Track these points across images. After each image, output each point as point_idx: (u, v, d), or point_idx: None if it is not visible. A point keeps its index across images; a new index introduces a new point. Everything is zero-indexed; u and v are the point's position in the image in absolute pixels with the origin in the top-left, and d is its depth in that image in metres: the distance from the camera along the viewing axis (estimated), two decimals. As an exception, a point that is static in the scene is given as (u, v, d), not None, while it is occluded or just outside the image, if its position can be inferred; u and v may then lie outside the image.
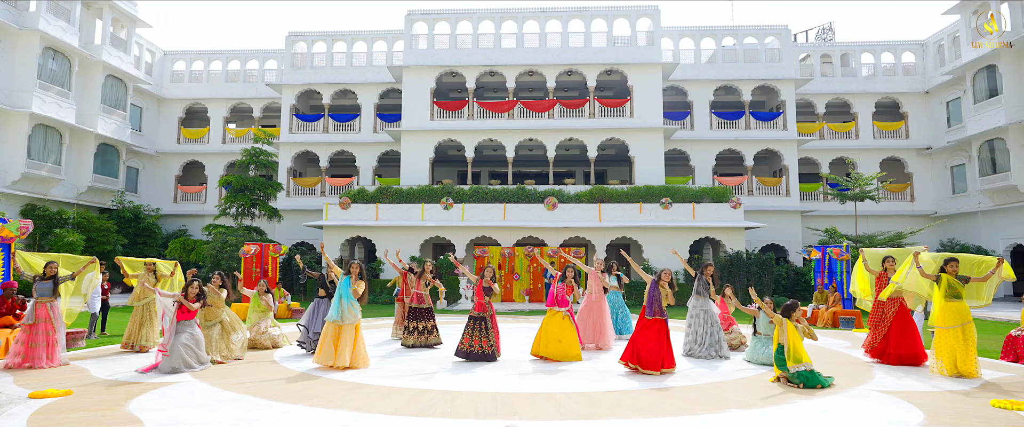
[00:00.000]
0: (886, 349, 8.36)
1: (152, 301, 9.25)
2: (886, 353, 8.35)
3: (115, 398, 5.81)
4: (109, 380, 6.80)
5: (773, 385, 6.79)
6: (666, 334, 7.66)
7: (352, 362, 7.69)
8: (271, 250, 17.86)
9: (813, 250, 16.24)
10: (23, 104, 22.72)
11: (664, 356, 7.50)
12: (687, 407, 5.70)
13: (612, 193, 23.37)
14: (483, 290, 8.65)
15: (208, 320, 8.43)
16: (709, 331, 8.83)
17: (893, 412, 5.53)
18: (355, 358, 7.72)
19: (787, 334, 6.91)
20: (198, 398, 5.88)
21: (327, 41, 29.09)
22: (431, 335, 9.75)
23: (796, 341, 6.90)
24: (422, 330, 9.69)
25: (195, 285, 7.68)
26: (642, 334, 7.60)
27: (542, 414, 5.43)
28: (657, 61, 25.95)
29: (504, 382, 6.97)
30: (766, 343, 8.27)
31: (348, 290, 7.85)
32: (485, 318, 8.60)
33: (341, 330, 7.72)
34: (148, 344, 9.08)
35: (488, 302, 8.63)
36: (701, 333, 8.85)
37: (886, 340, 8.38)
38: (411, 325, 9.70)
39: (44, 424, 4.89)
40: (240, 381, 6.85)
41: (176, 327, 7.41)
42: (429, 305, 9.87)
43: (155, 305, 9.23)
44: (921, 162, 28.92)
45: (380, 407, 5.59)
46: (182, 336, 7.37)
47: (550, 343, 8.54)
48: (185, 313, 7.53)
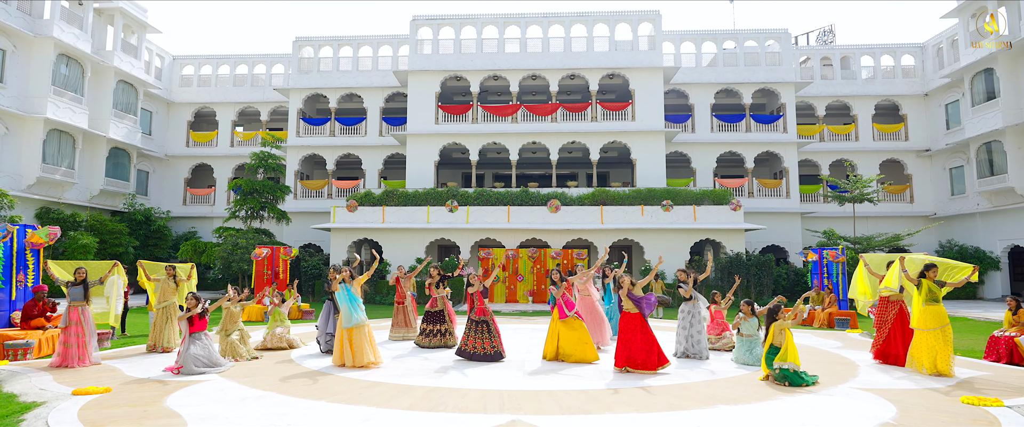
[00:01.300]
0: (889, 351, 8.70)
1: (173, 304, 9.77)
2: (889, 354, 8.68)
3: (152, 394, 6.31)
4: (142, 378, 7.31)
5: (761, 384, 7.23)
6: (649, 330, 8.01)
7: (369, 361, 8.16)
8: (281, 252, 18.37)
9: (810, 253, 16.66)
10: (38, 110, 23.28)
11: (653, 354, 7.89)
12: (678, 403, 6.16)
13: (614, 196, 23.81)
14: (481, 293, 9.12)
15: (227, 329, 8.97)
16: (690, 332, 9.26)
17: (868, 408, 6.00)
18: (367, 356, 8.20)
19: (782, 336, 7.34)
20: (228, 395, 6.38)
21: (333, 46, 29.60)
22: (447, 336, 10.23)
23: (791, 343, 7.32)
24: (436, 332, 10.18)
25: (193, 300, 8.15)
26: (627, 334, 8.00)
27: (544, 409, 5.89)
28: (658, 65, 26.37)
29: (511, 380, 7.44)
30: (751, 345, 8.71)
31: (351, 293, 8.32)
32: (487, 321, 9.04)
33: (353, 333, 8.20)
34: (171, 345, 9.62)
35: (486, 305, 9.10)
36: (682, 334, 9.31)
37: (888, 342, 8.72)
38: (426, 328, 10.21)
39: (94, 418, 5.38)
40: (264, 379, 7.34)
41: (189, 339, 7.87)
42: (441, 308, 10.32)
43: (175, 308, 9.75)
44: (920, 164, 29.27)
45: (397, 403, 6.08)
46: (193, 348, 7.81)
47: (572, 344, 8.83)
48: (196, 325, 8.00)
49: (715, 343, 10.05)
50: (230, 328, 8.96)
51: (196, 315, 8.04)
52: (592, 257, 24.45)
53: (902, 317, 8.67)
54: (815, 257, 16.51)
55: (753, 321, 8.74)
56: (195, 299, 8.20)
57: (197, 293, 8.39)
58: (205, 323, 8.12)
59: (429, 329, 10.20)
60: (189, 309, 8.13)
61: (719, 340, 10.08)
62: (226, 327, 8.94)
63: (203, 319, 8.11)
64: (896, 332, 8.64)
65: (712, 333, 10.21)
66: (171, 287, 9.85)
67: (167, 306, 9.71)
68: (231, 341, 8.78)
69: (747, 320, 8.74)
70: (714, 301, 10.43)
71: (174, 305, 9.78)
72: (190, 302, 8.17)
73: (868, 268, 9.53)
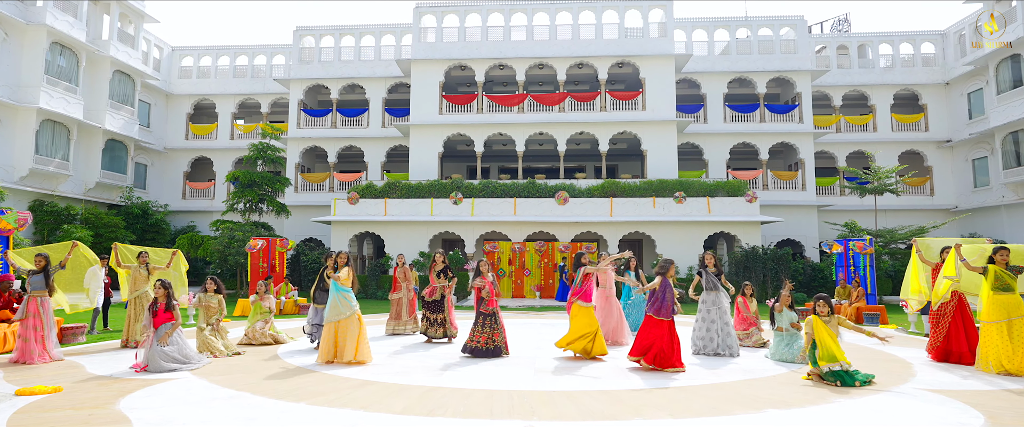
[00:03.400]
0: (949, 348, 7.71)
1: (146, 294, 8.90)
2: (951, 353, 7.69)
3: (106, 395, 5.46)
4: (103, 376, 6.47)
5: (807, 383, 6.35)
6: (676, 334, 7.24)
7: (355, 356, 7.34)
8: (278, 245, 17.56)
9: (835, 244, 15.72)
10: (30, 99, 22.56)
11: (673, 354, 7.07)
12: (720, 406, 5.27)
13: (624, 187, 22.89)
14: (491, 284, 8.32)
15: (202, 323, 8.16)
16: (718, 327, 8.36)
17: (948, 413, 5.07)
18: (358, 352, 7.37)
19: (816, 331, 6.45)
20: (194, 395, 5.53)
21: (335, 35, 28.79)
22: (446, 326, 9.67)
23: (827, 338, 6.44)
24: (435, 321, 9.61)
25: (161, 289, 7.31)
26: (653, 331, 7.16)
27: (562, 414, 5.03)
28: (670, 53, 25.41)
29: (519, 379, 6.58)
30: (790, 340, 7.83)
31: (336, 284, 7.50)
32: (495, 313, 8.27)
33: (337, 327, 7.39)
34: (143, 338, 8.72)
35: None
36: (711, 329, 8.38)
37: (948, 339, 7.72)
38: (432, 317, 9.65)
39: (27, 423, 4.55)
40: (240, 377, 6.50)
41: (153, 333, 7.03)
42: (440, 297, 9.70)
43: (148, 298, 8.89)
44: (941, 155, 28.19)
45: (387, 406, 5.21)
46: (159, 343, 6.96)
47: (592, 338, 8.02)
48: (160, 317, 7.16)
49: (744, 341, 9.16)
50: (205, 322, 8.11)
51: (162, 306, 7.21)
52: (601, 251, 23.53)
53: (962, 310, 7.68)
54: (840, 249, 15.58)
55: (790, 314, 7.85)
56: (163, 287, 7.36)
57: (166, 281, 7.47)
58: (171, 315, 7.25)
59: (431, 317, 9.63)
60: (156, 299, 7.30)
61: (748, 337, 9.19)
62: (201, 321, 8.10)
63: (169, 311, 7.27)
64: (957, 327, 7.65)
65: (739, 329, 9.32)
66: (143, 276, 8.96)
67: (139, 296, 8.82)
68: (205, 336, 7.92)
69: (783, 312, 7.85)
70: (743, 292, 9.52)
71: (147, 295, 8.88)
72: (158, 291, 7.32)
73: (921, 255, 8.28)
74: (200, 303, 8.25)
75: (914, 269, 8.41)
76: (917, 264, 8.37)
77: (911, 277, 8.46)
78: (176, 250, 9.75)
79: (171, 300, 7.32)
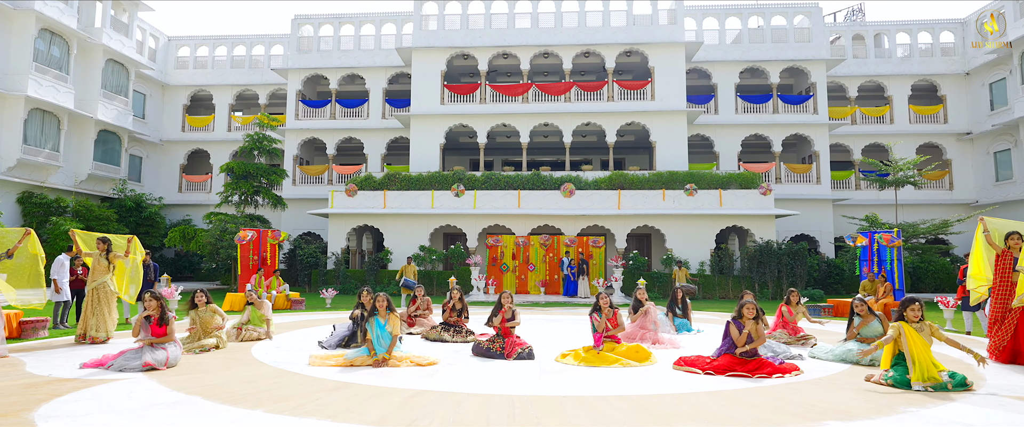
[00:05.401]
0: (1017, 348, 6.78)
1: (104, 285, 8.00)
2: (1019, 353, 6.77)
3: (26, 401, 4.57)
4: (39, 377, 5.59)
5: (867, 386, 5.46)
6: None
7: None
8: (269, 236, 16.70)
9: (859, 236, 14.75)
10: (18, 87, 21.77)
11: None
12: (766, 417, 4.35)
13: (633, 179, 21.96)
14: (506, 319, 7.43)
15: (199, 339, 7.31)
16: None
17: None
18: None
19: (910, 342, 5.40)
20: (133, 400, 4.65)
21: (334, 24, 27.94)
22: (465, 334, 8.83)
23: (924, 351, 5.35)
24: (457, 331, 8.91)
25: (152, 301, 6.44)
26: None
27: (573, 424, 4.13)
28: (679, 41, 24.43)
29: (523, 381, 5.70)
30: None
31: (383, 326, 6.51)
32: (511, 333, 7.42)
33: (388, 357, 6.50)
34: (99, 335, 7.81)
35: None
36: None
37: (1016, 338, 6.78)
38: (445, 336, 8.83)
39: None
40: (199, 378, 5.63)
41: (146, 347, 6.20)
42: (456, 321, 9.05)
43: (106, 289, 8.00)
44: (961, 148, 27.13)
45: (360, 414, 4.31)
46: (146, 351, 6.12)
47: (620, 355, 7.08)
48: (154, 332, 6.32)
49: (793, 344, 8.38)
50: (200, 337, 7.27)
51: (155, 320, 6.35)
52: (609, 245, 22.62)
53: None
54: (865, 241, 14.61)
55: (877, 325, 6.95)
56: (154, 298, 6.47)
57: (157, 292, 6.58)
58: (164, 330, 6.38)
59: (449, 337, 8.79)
60: (145, 308, 6.42)
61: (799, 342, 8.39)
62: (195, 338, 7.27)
63: (163, 326, 6.40)
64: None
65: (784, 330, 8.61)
66: (103, 265, 8.03)
67: (97, 287, 7.91)
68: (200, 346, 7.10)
69: (869, 323, 6.95)
70: (788, 301, 8.78)
71: (106, 286, 7.97)
72: (149, 303, 6.45)
73: (988, 237, 7.12)
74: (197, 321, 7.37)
75: (978, 252, 7.33)
76: (981, 247, 7.28)
77: (975, 261, 7.37)
78: (131, 236, 8.77)
79: (165, 313, 6.46)
